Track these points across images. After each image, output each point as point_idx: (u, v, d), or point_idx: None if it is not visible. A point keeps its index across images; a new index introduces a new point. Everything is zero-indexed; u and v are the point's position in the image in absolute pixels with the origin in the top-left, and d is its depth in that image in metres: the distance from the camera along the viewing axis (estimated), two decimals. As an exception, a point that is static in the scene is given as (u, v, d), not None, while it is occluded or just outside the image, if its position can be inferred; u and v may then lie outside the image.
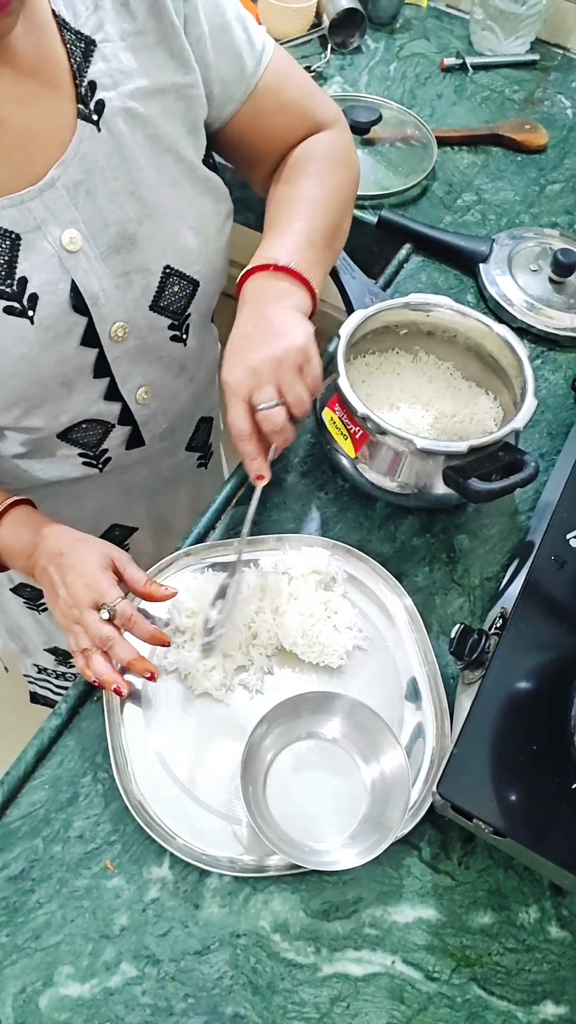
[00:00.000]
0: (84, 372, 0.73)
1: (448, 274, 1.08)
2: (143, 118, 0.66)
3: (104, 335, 0.72)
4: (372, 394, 0.89)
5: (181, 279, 0.74)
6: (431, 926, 0.66)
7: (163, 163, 0.69)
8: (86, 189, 0.65)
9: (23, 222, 0.63)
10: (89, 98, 0.64)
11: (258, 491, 0.74)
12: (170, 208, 0.71)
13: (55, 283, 0.66)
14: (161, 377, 0.81)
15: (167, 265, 0.72)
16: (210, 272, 0.77)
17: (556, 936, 0.66)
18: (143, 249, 0.70)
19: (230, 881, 0.66)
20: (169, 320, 0.76)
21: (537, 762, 0.64)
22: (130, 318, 0.73)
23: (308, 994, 0.63)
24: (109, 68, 0.64)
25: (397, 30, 1.39)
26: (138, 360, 0.77)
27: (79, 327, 0.70)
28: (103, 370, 0.74)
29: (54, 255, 0.65)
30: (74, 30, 0.63)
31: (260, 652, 0.74)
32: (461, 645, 0.70)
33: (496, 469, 0.77)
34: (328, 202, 0.78)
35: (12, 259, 0.64)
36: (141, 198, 0.68)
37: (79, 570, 0.69)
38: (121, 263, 0.69)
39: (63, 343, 0.69)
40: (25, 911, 0.64)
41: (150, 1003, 0.62)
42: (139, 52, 0.65)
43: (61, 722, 0.72)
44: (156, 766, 0.69)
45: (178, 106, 0.69)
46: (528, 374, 0.81)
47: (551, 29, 1.39)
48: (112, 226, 0.67)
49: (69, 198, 0.64)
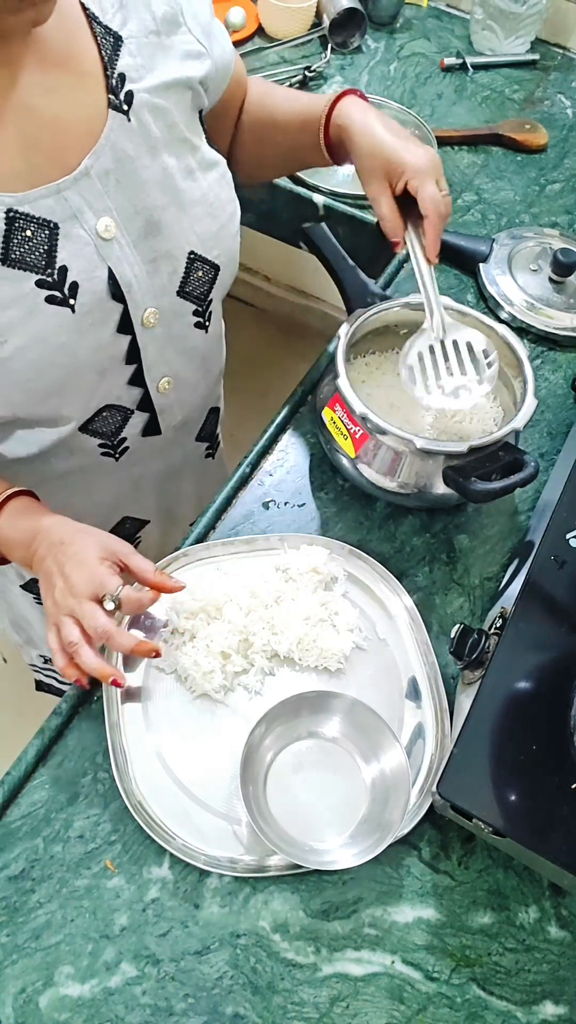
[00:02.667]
0: (117, 359, 0.74)
1: (448, 274, 1.08)
2: (163, 110, 0.69)
3: (137, 321, 0.73)
4: (372, 394, 0.89)
5: (204, 264, 0.77)
6: (431, 926, 0.66)
7: (181, 152, 0.72)
8: (116, 178, 0.67)
9: (60, 211, 0.64)
10: (119, 89, 0.66)
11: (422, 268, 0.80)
12: (189, 195, 0.73)
13: (92, 271, 0.68)
14: (184, 367, 0.83)
15: (191, 251, 0.75)
16: (227, 257, 0.80)
17: (556, 936, 0.66)
18: (168, 235, 0.72)
19: (230, 881, 0.66)
20: (194, 306, 0.78)
21: (537, 762, 0.64)
22: (159, 304, 0.74)
23: (308, 994, 0.63)
24: (134, 63, 0.67)
25: (397, 30, 1.39)
26: (165, 348, 0.78)
27: (115, 314, 0.71)
28: (134, 356, 0.76)
29: (90, 243, 0.67)
30: (103, 24, 0.65)
31: (260, 655, 0.74)
32: (461, 645, 0.70)
33: (496, 469, 0.77)
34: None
35: (52, 248, 0.65)
36: (165, 186, 0.70)
37: (79, 560, 0.68)
38: (150, 249, 0.71)
39: (100, 330, 0.71)
40: (25, 911, 0.64)
41: (150, 1003, 0.62)
42: (156, 50, 0.69)
43: (61, 722, 0.72)
44: (156, 766, 0.69)
45: (187, 97, 0.72)
46: (528, 374, 0.81)
47: (551, 29, 1.39)
48: (141, 213, 0.69)
49: (102, 186, 0.66)
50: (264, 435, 0.91)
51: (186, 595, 0.76)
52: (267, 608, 0.76)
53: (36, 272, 0.64)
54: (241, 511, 0.85)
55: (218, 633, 0.73)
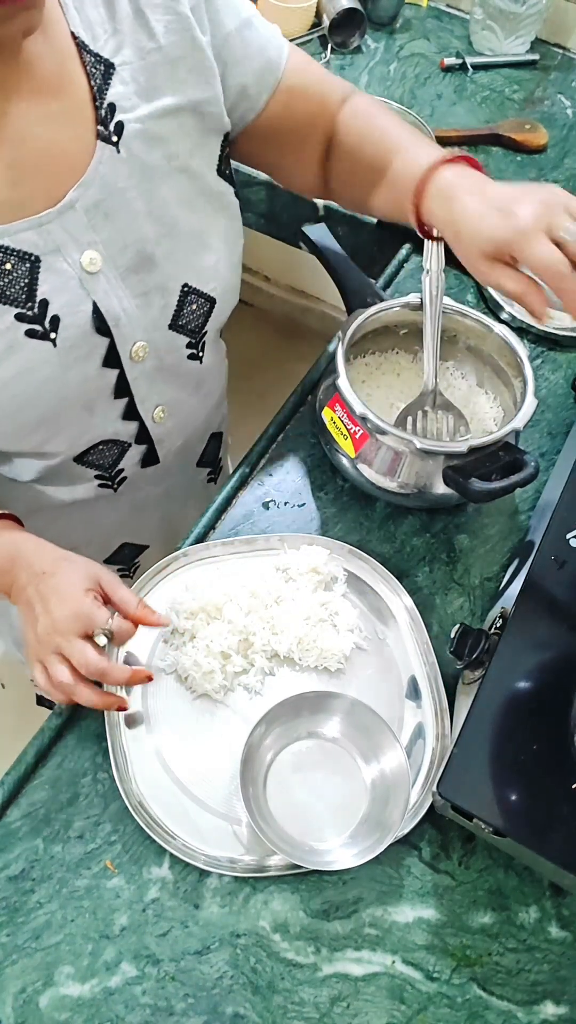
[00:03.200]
0: (105, 393, 0.73)
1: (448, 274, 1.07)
2: (160, 138, 0.66)
3: (125, 355, 0.71)
4: (372, 394, 0.89)
5: (199, 297, 0.74)
6: (431, 926, 0.66)
7: (179, 182, 0.69)
8: (105, 211, 0.65)
9: (42, 244, 0.63)
10: (109, 119, 0.64)
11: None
12: (186, 227, 0.71)
13: (76, 304, 0.66)
14: (177, 395, 0.81)
15: (185, 284, 0.72)
16: (225, 289, 0.77)
17: (556, 936, 0.66)
18: (162, 269, 0.70)
19: (230, 881, 0.66)
20: (187, 339, 0.76)
21: (537, 762, 0.64)
22: (150, 338, 0.72)
23: (308, 994, 0.63)
24: (127, 91, 0.64)
25: (397, 30, 1.39)
26: (156, 379, 0.76)
27: (101, 348, 0.69)
28: (123, 390, 0.74)
29: (74, 276, 0.65)
30: (94, 52, 0.62)
31: (260, 655, 0.74)
32: (461, 645, 0.70)
33: (496, 469, 0.77)
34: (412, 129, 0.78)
35: (32, 281, 0.63)
36: (159, 218, 0.68)
37: (63, 593, 0.64)
38: (140, 283, 0.69)
39: (85, 364, 0.69)
40: (25, 911, 0.64)
41: (150, 1003, 0.62)
42: (157, 69, 0.65)
43: (61, 722, 0.72)
44: (156, 766, 0.69)
45: (194, 122, 0.69)
46: (528, 374, 0.81)
47: (551, 29, 1.39)
48: (131, 246, 0.67)
49: (88, 219, 0.64)
50: (264, 435, 0.91)
51: (186, 595, 0.76)
52: (267, 608, 0.76)
53: (15, 306, 0.63)
54: (241, 511, 0.85)
55: (218, 633, 0.73)
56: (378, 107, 0.80)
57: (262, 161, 0.84)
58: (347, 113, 0.80)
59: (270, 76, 0.75)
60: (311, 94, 0.78)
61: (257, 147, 0.80)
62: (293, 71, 0.76)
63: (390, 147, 0.76)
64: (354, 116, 0.79)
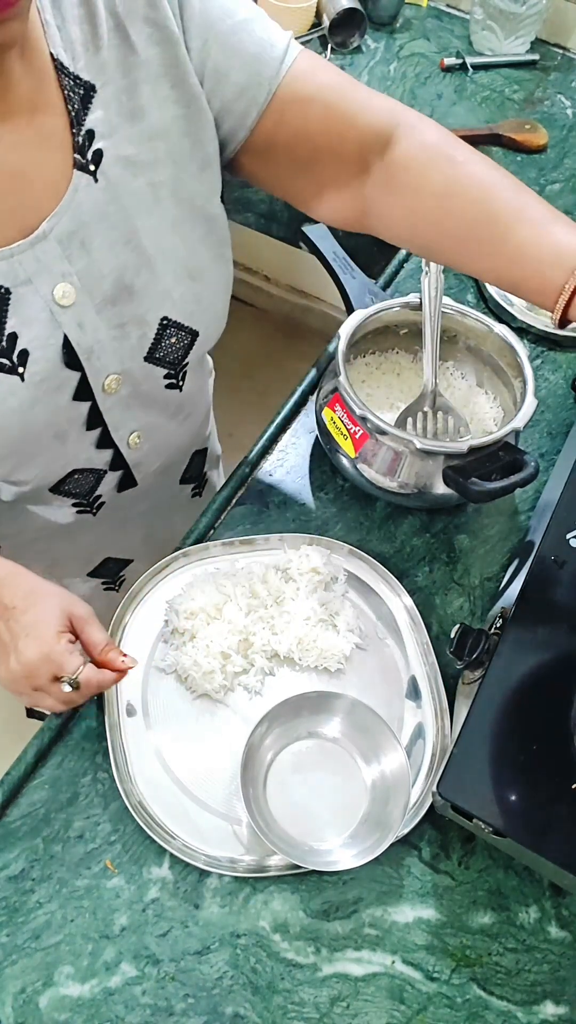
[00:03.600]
0: (76, 424, 0.71)
1: (448, 274, 1.08)
2: (143, 164, 0.63)
3: (97, 388, 0.69)
4: (372, 394, 0.89)
5: (179, 330, 0.71)
6: (431, 926, 0.66)
7: (164, 208, 0.65)
8: (80, 240, 0.61)
9: (12, 276, 0.60)
10: (87, 147, 0.60)
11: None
12: (170, 255, 0.67)
13: (46, 338, 0.63)
14: (154, 421, 0.78)
15: (164, 316, 0.69)
16: (209, 319, 0.73)
17: (556, 936, 0.66)
18: (140, 300, 0.67)
19: (230, 881, 0.66)
20: (165, 370, 0.74)
21: (537, 762, 0.64)
22: (124, 368, 0.70)
23: (308, 994, 0.63)
24: (108, 115, 0.60)
25: (397, 30, 1.39)
26: (130, 406, 0.74)
27: (72, 381, 0.67)
28: (96, 421, 0.72)
29: (45, 309, 0.62)
30: (73, 75, 0.58)
31: (260, 655, 0.74)
32: (461, 645, 0.70)
33: (496, 469, 0.77)
34: (515, 182, 0.67)
35: (1, 314, 0.61)
36: (139, 247, 0.65)
37: (35, 634, 0.62)
38: (117, 315, 0.66)
39: (55, 397, 0.67)
40: (25, 911, 0.64)
41: (150, 1003, 0.62)
42: (140, 87, 0.61)
43: (61, 722, 0.72)
44: (156, 766, 0.69)
45: (183, 144, 0.64)
46: (528, 374, 0.81)
47: (551, 29, 1.39)
48: (108, 277, 0.64)
49: (62, 250, 0.61)
50: (264, 435, 0.91)
51: (186, 595, 0.76)
52: (267, 608, 0.76)
53: None
54: (241, 511, 0.85)
55: (218, 633, 0.73)
56: (459, 145, 0.68)
57: (272, 183, 0.74)
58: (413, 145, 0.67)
59: (259, 90, 0.65)
60: (320, 108, 0.67)
61: (259, 168, 0.72)
62: (296, 81, 0.66)
63: (500, 210, 0.64)
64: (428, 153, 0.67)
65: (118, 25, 0.59)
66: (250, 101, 0.65)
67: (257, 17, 0.65)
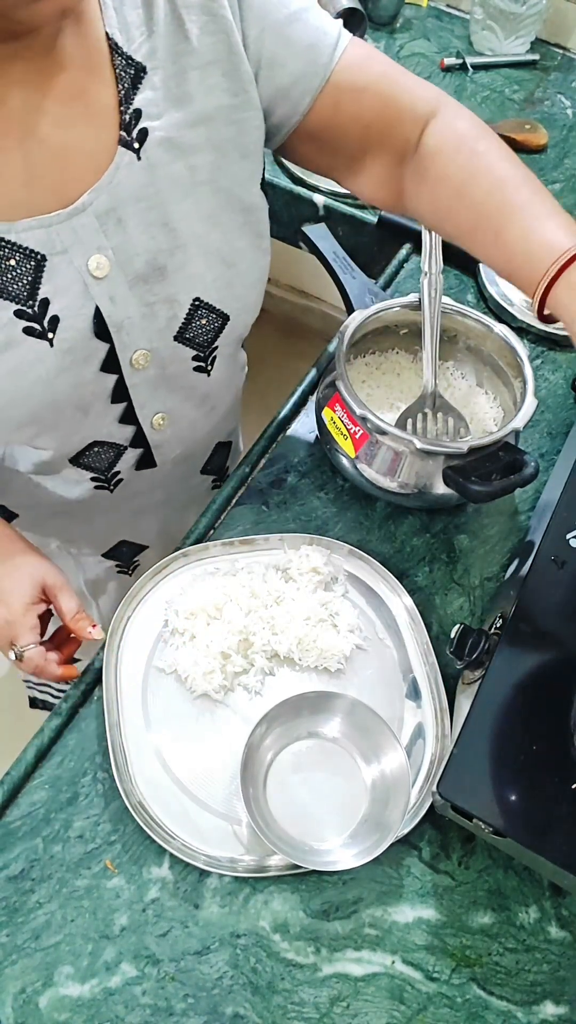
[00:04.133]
0: (101, 397, 0.72)
1: (448, 274, 1.08)
2: (185, 148, 0.65)
3: (125, 362, 0.70)
4: (372, 394, 0.89)
5: (210, 312, 0.72)
6: (431, 926, 0.66)
7: (201, 195, 0.67)
8: (118, 217, 0.63)
9: (49, 245, 0.62)
10: (133, 126, 0.62)
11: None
12: (204, 240, 0.69)
13: (78, 308, 0.65)
14: (180, 405, 0.80)
15: (196, 298, 0.71)
16: (241, 307, 0.75)
17: (556, 936, 0.66)
18: (172, 280, 0.68)
19: (230, 881, 0.66)
20: (194, 351, 0.75)
21: (537, 762, 0.64)
22: (153, 347, 0.71)
23: (308, 994, 0.63)
24: (156, 96, 0.62)
25: (397, 30, 1.39)
26: (158, 387, 0.75)
27: (100, 352, 0.69)
28: (121, 395, 0.73)
29: (79, 280, 0.64)
30: (126, 55, 0.61)
31: (260, 655, 0.74)
32: (461, 645, 0.70)
33: (496, 469, 0.77)
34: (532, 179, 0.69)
35: (36, 280, 0.63)
36: (174, 229, 0.66)
37: (4, 601, 0.69)
38: (149, 292, 0.68)
39: (82, 368, 0.68)
40: (25, 911, 0.64)
41: (150, 1003, 0.62)
42: (189, 73, 0.63)
43: (61, 722, 0.72)
44: (156, 766, 0.69)
45: (226, 132, 0.66)
46: (528, 374, 0.81)
47: (551, 29, 1.39)
48: (142, 255, 0.66)
49: (99, 224, 0.63)
50: (264, 435, 0.91)
51: (186, 595, 0.76)
52: (267, 608, 0.76)
53: (16, 302, 0.62)
54: (241, 511, 0.85)
55: (218, 633, 0.73)
56: (485, 136, 0.71)
57: (320, 165, 0.77)
58: (443, 134, 0.71)
59: (314, 77, 0.68)
60: (372, 96, 0.70)
61: (310, 152, 0.75)
62: (348, 69, 0.68)
63: (505, 203, 0.67)
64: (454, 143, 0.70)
65: (174, 11, 0.61)
66: (305, 88, 0.68)
67: (311, 6, 0.68)
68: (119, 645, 0.74)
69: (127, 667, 0.73)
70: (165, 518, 0.97)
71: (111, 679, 0.72)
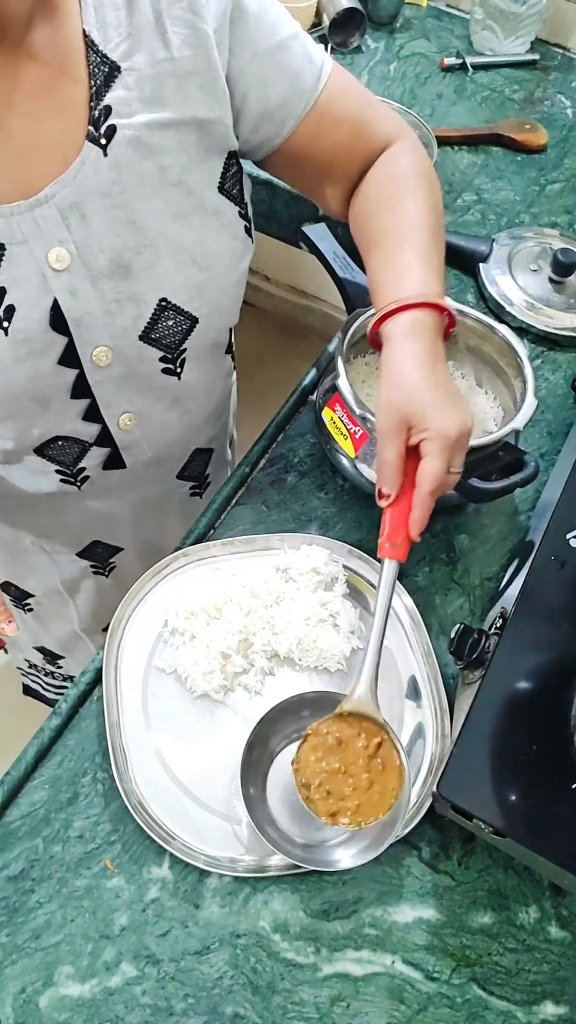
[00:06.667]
0: (61, 391, 0.72)
1: (448, 274, 1.08)
2: (154, 148, 0.65)
3: (85, 358, 0.70)
4: (372, 394, 0.89)
5: (178, 313, 0.72)
6: (431, 926, 0.66)
7: (171, 195, 0.67)
8: (82, 212, 0.64)
9: (8, 234, 0.62)
10: (101, 122, 0.63)
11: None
12: (174, 241, 0.69)
13: (36, 299, 0.65)
14: (150, 407, 0.79)
15: (163, 298, 0.70)
16: (212, 310, 0.75)
17: (556, 936, 0.66)
18: (138, 279, 0.68)
19: (230, 881, 0.66)
20: (161, 352, 0.74)
21: (537, 762, 0.64)
22: (116, 345, 0.71)
23: (308, 994, 0.63)
24: (129, 96, 0.63)
25: (397, 30, 1.39)
26: (124, 386, 0.75)
27: (58, 346, 0.68)
28: (83, 391, 0.73)
29: (37, 272, 0.64)
30: (101, 53, 0.62)
31: (260, 655, 0.74)
32: (461, 645, 0.70)
33: (496, 469, 0.77)
34: (435, 225, 0.75)
35: None
36: (141, 228, 0.67)
37: None
38: (112, 289, 0.68)
39: (38, 360, 0.68)
40: (25, 911, 0.64)
41: (150, 1003, 0.62)
42: (166, 80, 0.64)
43: (61, 722, 0.72)
44: (156, 766, 0.69)
45: (195, 137, 0.67)
46: (528, 374, 0.81)
47: (551, 29, 1.39)
48: (106, 252, 0.66)
49: (61, 218, 0.63)
50: (264, 435, 0.91)
51: (186, 595, 0.76)
52: (267, 608, 0.76)
53: None
54: (241, 511, 0.85)
55: (218, 633, 0.73)
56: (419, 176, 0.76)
57: (292, 181, 0.82)
58: (384, 163, 0.77)
59: (298, 102, 0.72)
60: (348, 128, 0.75)
61: (285, 169, 0.79)
62: (330, 99, 0.73)
63: (399, 237, 0.73)
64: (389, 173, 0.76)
65: (158, 20, 0.62)
66: (289, 111, 0.72)
67: (299, 33, 0.71)
68: (119, 645, 0.74)
69: (127, 667, 0.73)
70: (138, 521, 0.96)
71: (111, 679, 0.72)
